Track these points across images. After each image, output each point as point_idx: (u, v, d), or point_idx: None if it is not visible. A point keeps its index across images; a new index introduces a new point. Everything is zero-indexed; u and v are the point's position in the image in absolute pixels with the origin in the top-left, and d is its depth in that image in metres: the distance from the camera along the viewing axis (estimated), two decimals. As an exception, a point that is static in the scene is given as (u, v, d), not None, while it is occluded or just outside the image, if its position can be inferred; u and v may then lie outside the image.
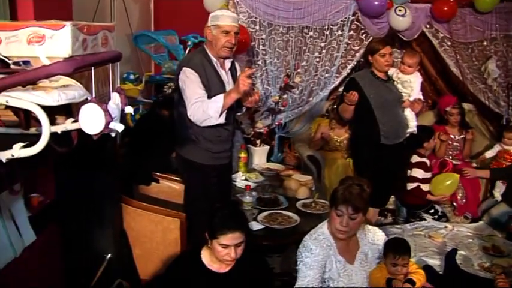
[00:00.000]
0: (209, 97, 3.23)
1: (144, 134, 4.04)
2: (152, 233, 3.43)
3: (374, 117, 4.16)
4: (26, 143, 1.57)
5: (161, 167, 4.06)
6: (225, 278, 2.58)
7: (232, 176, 4.05)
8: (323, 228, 2.77)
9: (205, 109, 3.17)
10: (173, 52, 5.31)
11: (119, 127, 1.72)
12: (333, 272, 2.69)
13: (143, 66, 5.48)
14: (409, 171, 4.87)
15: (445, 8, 4.86)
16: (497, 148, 5.14)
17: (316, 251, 2.66)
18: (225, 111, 3.20)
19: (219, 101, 3.17)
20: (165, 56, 5.38)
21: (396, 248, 2.74)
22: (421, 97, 4.40)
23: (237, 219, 2.54)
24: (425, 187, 4.85)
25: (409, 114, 4.32)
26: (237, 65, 3.59)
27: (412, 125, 4.37)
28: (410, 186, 4.86)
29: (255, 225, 3.41)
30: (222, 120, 3.21)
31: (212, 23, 3.28)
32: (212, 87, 3.27)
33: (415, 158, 4.84)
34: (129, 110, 1.95)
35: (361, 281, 2.74)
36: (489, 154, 5.19)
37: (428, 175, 4.86)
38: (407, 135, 4.41)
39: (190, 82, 3.22)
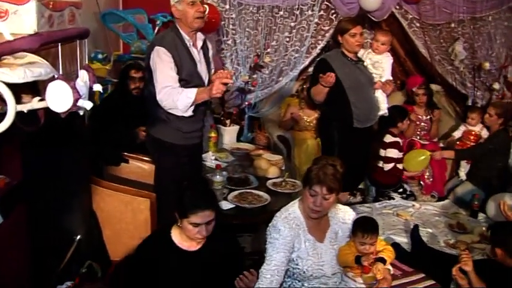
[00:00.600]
0: (180, 77, 3.22)
1: (110, 110, 4.01)
2: (122, 214, 3.41)
3: (347, 99, 4.09)
4: (-10, 122, 1.54)
5: (127, 143, 4.02)
6: (195, 256, 2.58)
7: (203, 155, 4.03)
8: (294, 207, 2.77)
9: (175, 99, 3.15)
10: (142, 31, 5.21)
11: (88, 105, 1.69)
12: (302, 251, 2.70)
13: (111, 45, 5.37)
14: (383, 151, 4.92)
15: (415, -11, 4.89)
16: (462, 128, 5.23)
17: (284, 232, 2.65)
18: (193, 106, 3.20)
19: (190, 96, 3.15)
20: (133, 35, 5.28)
21: (364, 227, 2.76)
22: (391, 78, 4.40)
23: (207, 197, 2.54)
24: (399, 166, 4.95)
25: (380, 96, 4.31)
26: (209, 43, 3.56)
27: (383, 107, 4.37)
28: (388, 166, 4.92)
29: (226, 205, 3.42)
30: (189, 113, 3.22)
31: (175, 0, 3.25)
32: (184, 65, 3.24)
33: (389, 138, 4.90)
34: (97, 87, 1.93)
35: (330, 259, 2.75)
36: (456, 135, 5.27)
37: (401, 155, 4.95)
38: (377, 117, 4.41)
39: (162, 64, 3.18)
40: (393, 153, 4.90)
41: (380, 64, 4.27)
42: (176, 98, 3.15)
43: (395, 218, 4.61)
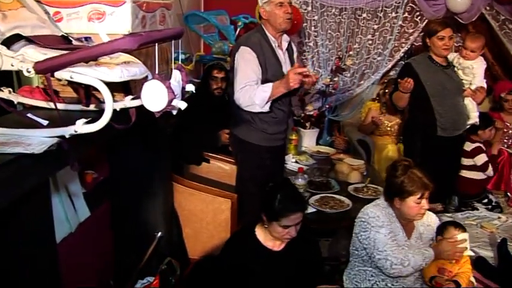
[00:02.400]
0: (265, 77, 3.23)
1: (193, 110, 4.05)
2: (203, 213, 3.44)
3: (430, 106, 3.95)
4: (88, 119, 1.57)
5: (210, 144, 4.06)
6: (279, 255, 2.61)
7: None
8: (381, 200, 2.83)
9: (251, 95, 3.17)
10: (223, 32, 5.28)
11: (182, 104, 1.71)
12: (399, 239, 2.73)
13: (193, 46, 5.48)
14: (465, 159, 4.72)
15: (509, -12, 4.67)
16: None
17: (381, 218, 2.71)
18: (270, 101, 3.20)
19: (267, 90, 3.17)
20: (215, 36, 5.35)
21: (455, 223, 2.93)
22: (484, 85, 4.13)
23: (297, 199, 2.56)
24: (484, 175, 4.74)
25: (469, 103, 4.08)
26: (293, 45, 3.56)
27: (473, 116, 4.13)
28: (487, 173, 4.74)
29: (307, 209, 3.38)
30: (266, 108, 3.23)
31: (264, 1, 3.27)
32: (269, 67, 3.26)
33: (469, 146, 4.69)
34: (190, 87, 1.94)
35: None
36: None
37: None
38: (468, 126, 4.20)
39: (244, 63, 3.21)
40: (483, 158, 4.67)
41: (471, 70, 4.04)
42: (253, 94, 3.17)
43: (479, 230, 4.40)
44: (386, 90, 4.94)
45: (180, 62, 2.07)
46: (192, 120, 4.01)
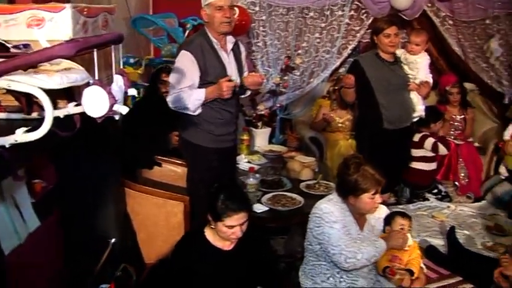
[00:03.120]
0: (207, 80, 3.28)
1: (143, 114, 4.04)
2: (156, 217, 3.43)
3: (376, 101, 4.09)
4: (29, 128, 1.55)
5: (161, 148, 4.05)
6: (229, 255, 2.63)
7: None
8: (334, 195, 2.90)
9: (184, 100, 3.22)
10: (172, 35, 5.26)
11: (123, 109, 1.70)
12: (353, 233, 2.80)
13: (142, 49, 5.44)
14: (414, 150, 4.84)
15: (447, -13, 4.81)
16: (511, 128, 5.05)
17: (335, 213, 2.78)
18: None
19: (200, 97, 3.24)
20: (164, 39, 5.34)
21: (401, 213, 3.06)
22: (430, 79, 4.30)
23: (240, 199, 2.57)
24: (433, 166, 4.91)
25: (415, 97, 4.23)
26: (241, 46, 3.60)
27: (419, 109, 4.29)
28: (432, 165, 4.89)
29: (259, 207, 3.43)
30: (198, 112, 3.29)
31: (205, 3, 3.31)
32: (211, 70, 3.30)
33: (416, 136, 4.80)
34: (132, 92, 1.94)
35: None
36: (506, 136, 5.04)
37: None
38: (415, 119, 4.35)
39: (181, 68, 3.25)
40: (429, 143, 4.79)
41: (415, 65, 4.19)
42: (186, 100, 3.23)
43: (430, 219, 4.55)
44: (336, 87, 5.03)
45: (121, 67, 2.07)
46: (142, 124, 4.01)
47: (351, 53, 5.08)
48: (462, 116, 5.26)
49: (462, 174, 5.11)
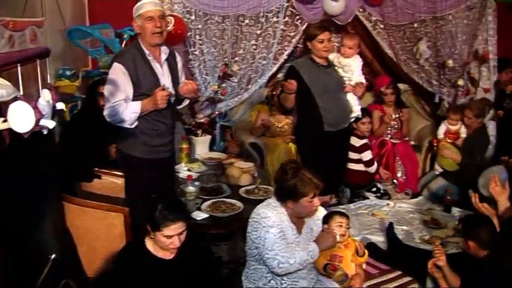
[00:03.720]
0: (141, 92, 3.24)
1: (81, 127, 4.00)
2: (96, 230, 3.38)
3: (316, 104, 4.18)
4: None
5: (100, 160, 4.01)
6: (171, 264, 2.62)
7: (176, 167, 4.02)
8: (273, 199, 2.93)
9: (120, 114, 3.18)
10: (109, 46, 5.21)
11: (50, 124, 1.70)
12: (290, 237, 2.84)
13: (79, 61, 5.37)
14: (355, 154, 4.99)
15: (376, -8, 4.96)
16: (444, 126, 5.25)
17: (273, 218, 2.80)
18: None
19: (136, 110, 3.20)
20: (101, 51, 5.27)
21: (339, 212, 3.12)
22: (363, 80, 4.45)
23: (176, 209, 2.57)
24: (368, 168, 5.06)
25: (351, 98, 4.36)
26: (177, 56, 3.56)
27: (356, 109, 4.43)
28: (372, 169, 5.06)
29: (199, 215, 3.42)
30: (135, 125, 3.25)
31: (136, 15, 3.27)
32: (144, 81, 3.25)
33: (357, 141, 4.97)
34: (60, 106, 1.93)
35: None
36: (440, 134, 5.25)
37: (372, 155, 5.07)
38: (352, 120, 4.48)
39: (114, 81, 3.19)
40: (369, 155, 5.00)
41: (349, 67, 4.33)
42: (122, 113, 3.18)
43: (370, 217, 4.69)
44: (274, 93, 5.11)
45: (49, 80, 2.06)
46: (80, 136, 3.97)
47: (287, 59, 5.14)
48: (397, 116, 5.44)
49: (400, 172, 5.28)
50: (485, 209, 3.39)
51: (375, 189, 5.19)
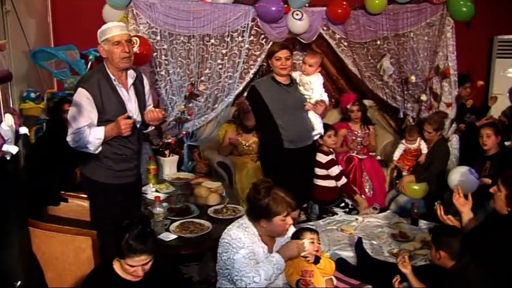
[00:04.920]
0: (106, 118, 3.19)
1: (46, 149, 3.95)
2: (64, 254, 3.31)
3: (275, 123, 4.17)
4: None
5: (67, 183, 3.96)
6: (139, 286, 2.60)
7: (143, 188, 3.99)
8: (244, 219, 2.95)
9: (84, 140, 3.13)
10: (74, 67, 5.18)
11: (13, 149, 1.69)
12: (261, 257, 2.85)
13: (44, 83, 5.30)
14: (322, 170, 5.04)
15: (339, 11, 5.06)
16: (402, 147, 5.41)
17: (244, 239, 2.82)
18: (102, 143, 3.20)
19: (100, 136, 3.15)
20: (66, 72, 5.23)
21: (309, 228, 3.16)
22: (325, 98, 4.42)
23: (143, 241, 2.51)
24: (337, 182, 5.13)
25: (312, 116, 4.34)
26: (145, 79, 3.52)
27: (318, 127, 4.39)
28: (341, 182, 5.12)
29: (168, 236, 3.38)
30: (99, 151, 3.20)
31: (101, 39, 3.21)
32: (109, 107, 3.20)
33: (323, 158, 5.03)
34: (23, 130, 1.92)
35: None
36: (396, 156, 5.44)
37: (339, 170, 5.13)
38: (316, 137, 4.46)
39: (78, 107, 3.13)
40: (337, 170, 5.06)
41: (309, 85, 4.31)
42: (85, 139, 3.13)
43: (339, 233, 4.71)
44: (238, 112, 5.13)
45: (11, 104, 2.04)
46: (46, 159, 3.91)
47: (253, 77, 5.17)
48: (364, 132, 5.52)
49: (367, 187, 5.35)
50: (450, 221, 3.46)
51: (343, 204, 5.23)
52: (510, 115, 6.41)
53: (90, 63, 5.20)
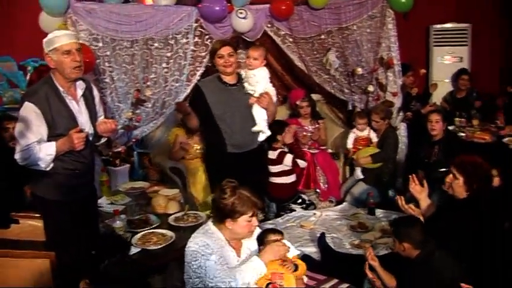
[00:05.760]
0: (57, 132, 3.05)
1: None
2: (21, 280, 3.11)
3: (217, 126, 4.03)
4: None
5: (16, 203, 3.76)
6: None
7: (98, 201, 3.84)
8: (208, 225, 2.88)
9: (34, 157, 2.98)
10: (13, 80, 4.96)
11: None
12: (231, 262, 2.81)
13: (-18, 98, 5.06)
14: (273, 167, 5.00)
15: (283, 7, 5.05)
16: (352, 136, 5.46)
17: (211, 245, 2.76)
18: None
19: (51, 152, 3.01)
20: (4, 85, 5.00)
21: (272, 230, 3.12)
22: (271, 91, 4.15)
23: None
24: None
25: (256, 113, 4.08)
26: (94, 89, 3.40)
27: (261, 125, 4.10)
28: (290, 179, 5.09)
29: (131, 250, 3.26)
30: (50, 167, 3.06)
31: (49, 49, 3.05)
32: (59, 121, 3.06)
33: (274, 154, 5.01)
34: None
35: None
36: (349, 144, 5.48)
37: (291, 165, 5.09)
38: (262, 139, 4.20)
39: (26, 122, 2.98)
40: (288, 162, 5.01)
41: (254, 78, 4.07)
42: (35, 156, 2.98)
43: (299, 229, 4.69)
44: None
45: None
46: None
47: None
48: (314, 127, 5.54)
49: (322, 181, 5.37)
50: (411, 209, 3.50)
51: (300, 200, 5.23)
52: (451, 100, 6.66)
53: (29, 74, 4.98)
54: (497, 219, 3.38)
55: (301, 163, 5.07)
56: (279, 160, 4.98)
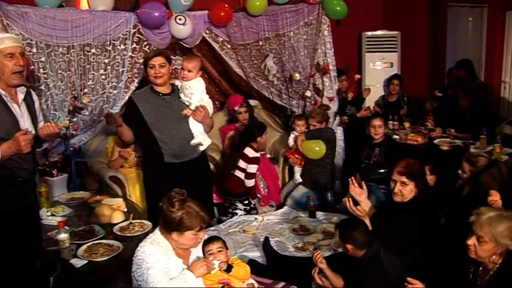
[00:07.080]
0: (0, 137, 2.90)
1: None
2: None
3: (153, 136, 3.98)
4: None
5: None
6: None
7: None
8: (156, 235, 2.86)
9: None
10: None
11: None
12: (176, 270, 2.81)
13: None
14: (243, 163, 5.06)
15: (222, 14, 5.05)
16: (293, 136, 5.50)
17: (158, 254, 2.75)
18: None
19: None
20: None
21: (208, 239, 3.09)
22: (207, 103, 4.14)
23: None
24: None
25: (193, 127, 4.06)
26: (34, 94, 3.27)
27: (199, 138, 4.08)
28: (250, 183, 5.15)
29: (77, 262, 3.14)
30: None
31: None
32: (1, 125, 2.93)
33: (251, 152, 5.07)
34: None
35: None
36: (291, 142, 5.51)
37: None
38: (203, 148, 4.17)
39: None
40: (254, 168, 5.09)
41: (189, 90, 4.04)
42: None
43: (242, 235, 4.70)
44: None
45: None
46: None
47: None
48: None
49: (262, 186, 5.40)
50: (359, 211, 3.60)
51: (247, 201, 5.22)
52: (383, 104, 6.91)
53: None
54: (434, 215, 3.61)
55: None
56: (249, 161, 5.07)
